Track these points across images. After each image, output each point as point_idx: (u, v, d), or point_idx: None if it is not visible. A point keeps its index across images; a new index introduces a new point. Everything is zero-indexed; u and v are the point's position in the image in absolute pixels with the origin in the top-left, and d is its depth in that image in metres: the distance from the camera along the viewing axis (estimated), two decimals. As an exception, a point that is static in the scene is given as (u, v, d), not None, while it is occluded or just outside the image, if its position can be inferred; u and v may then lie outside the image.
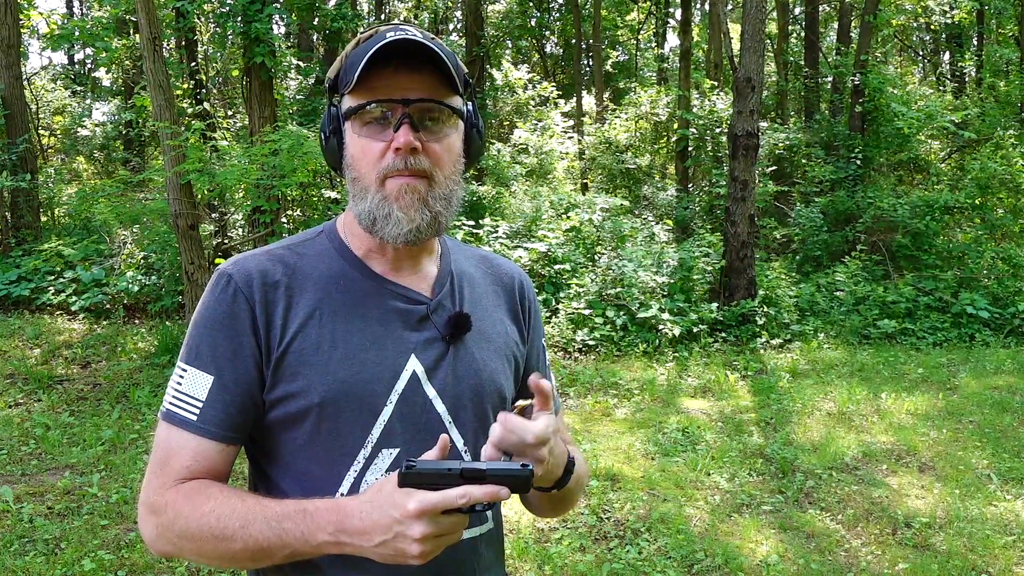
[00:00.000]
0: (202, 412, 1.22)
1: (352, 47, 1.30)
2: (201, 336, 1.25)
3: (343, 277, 1.30)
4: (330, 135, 1.31)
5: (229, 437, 1.24)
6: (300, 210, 9.56)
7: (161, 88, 7.26)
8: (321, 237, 1.36)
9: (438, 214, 1.26)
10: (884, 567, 4.04)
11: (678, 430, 5.97)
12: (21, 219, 9.80)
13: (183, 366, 1.25)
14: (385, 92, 1.22)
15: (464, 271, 1.42)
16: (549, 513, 1.52)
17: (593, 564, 4.01)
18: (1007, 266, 10.20)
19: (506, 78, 16.88)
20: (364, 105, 1.23)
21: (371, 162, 1.24)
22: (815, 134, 13.76)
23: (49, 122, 16.93)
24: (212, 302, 1.26)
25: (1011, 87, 14.31)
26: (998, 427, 6.10)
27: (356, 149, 1.26)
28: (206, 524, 1.16)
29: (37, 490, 4.80)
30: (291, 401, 1.24)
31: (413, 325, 1.30)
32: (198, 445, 1.22)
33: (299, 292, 1.27)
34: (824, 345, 8.58)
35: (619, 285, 8.70)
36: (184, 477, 1.22)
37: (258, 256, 1.30)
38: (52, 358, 7.42)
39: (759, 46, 8.99)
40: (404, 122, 1.21)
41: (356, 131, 1.26)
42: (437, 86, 1.24)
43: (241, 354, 1.23)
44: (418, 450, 1.22)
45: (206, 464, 1.23)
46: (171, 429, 1.24)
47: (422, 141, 1.23)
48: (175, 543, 1.19)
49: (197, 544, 1.17)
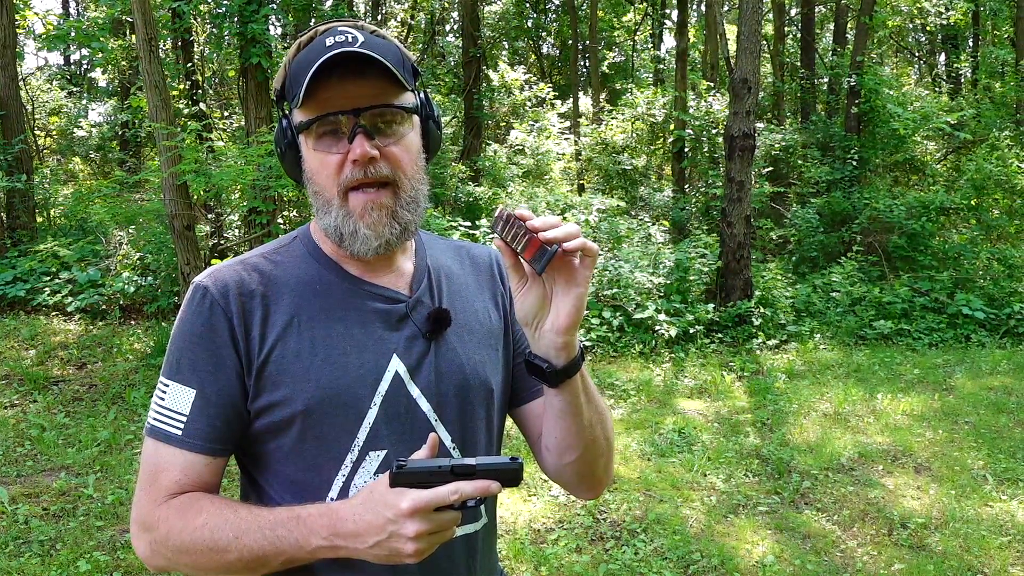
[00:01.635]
0: (187, 426, 1.22)
1: (293, 54, 1.26)
2: (181, 350, 1.24)
3: (319, 282, 1.29)
4: (285, 150, 1.28)
5: (215, 449, 1.23)
6: (296, 211, 9.55)
7: (157, 89, 7.25)
8: (296, 242, 1.35)
9: (407, 223, 1.25)
10: (880, 568, 4.05)
11: (674, 431, 5.97)
12: (17, 220, 9.79)
13: (165, 381, 1.25)
14: (334, 104, 1.19)
15: (441, 264, 1.41)
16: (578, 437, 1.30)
17: (589, 565, 4.01)
18: (1003, 267, 10.22)
19: (502, 79, 16.86)
20: (314, 120, 1.21)
21: (330, 175, 1.22)
22: (811, 135, 13.77)
23: (45, 123, 16.89)
24: (190, 316, 1.25)
25: (1007, 88, 14.32)
26: (994, 428, 6.11)
27: (314, 163, 1.24)
28: (199, 538, 1.16)
29: (33, 491, 4.79)
30: (275, 410, 1.23)
31: (393, 324, 1.30)
32: (185, 460, 1.22)
33: (276, 300, 1.26)
34: (820, 346, 8.59)
35: (615, 286, 8.70)
36: (174, 492, 1.22)
37: (233, 267, 1.29)
38: (48, 359, 7.40)
39: (755, 47, 8.99)
40: (358, 132, 1.19)
41: (311, 145, 1.23)
42: (386, 88, 1.21)
43: (222, 366, 1.23)
44: (406, 450, 1.23)
45: (195, 478, 1.22)
46: (157, 445, 1.23)
47: (379, 148, 1.21)
48: (170, 558, 1.19)
49: (192, 558, 1.17)
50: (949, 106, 13.68)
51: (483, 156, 14.54)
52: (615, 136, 15.04)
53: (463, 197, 12.51)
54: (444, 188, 12.55)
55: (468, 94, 15.21)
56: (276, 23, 12.80)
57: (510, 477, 1.10)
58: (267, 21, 9.13)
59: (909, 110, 12.52)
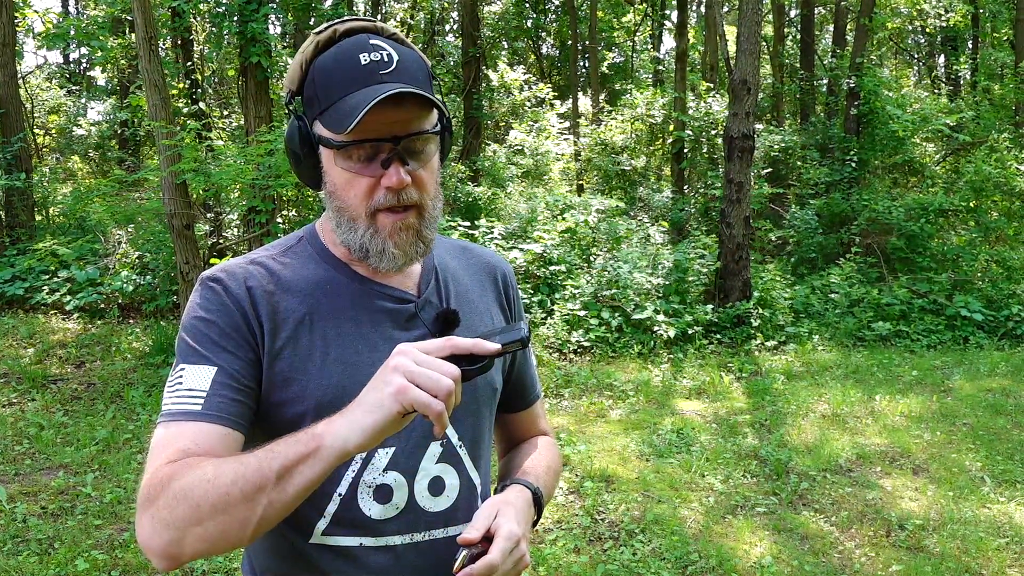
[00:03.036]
0: (207, 400, 1.17)
1: (312, 54, 1.24)
2: (195, 336, 1.22)
3: (329, 282, 1.30)
4: (302, 155, 1.26)
5: (233, 422, 1.18)
6: (295, 210, 9.56)
7: (157, 87, 7.24)
8: (302, 243, 1.35)
9: (429, 241, 1.28)
10: (878, 569, 4.05)
11: (673, 431, 5.97)
12: (16, 218, 9.78)
13: (181, 366, 1.20)
14: (372, 129, 1.17)
15: (447, 265, 1.43)
16: None
17: (587, 565, 4.01)
18: (1001, 269, 10.23)
19: (502, 79, 16.87)
20: (351, 144, 1.20)
21: (359, 196, 1.22)
22: (810, 136, 13.79)
23: (44, 121, 16.89)
24: (203, 302, 1.24)
25: (1006, 90, 14.34)
26: (992, 429, 6.11)
27: (340, 180, 1.23)
28: (200, 480, 1.05)
29: (31, 490, 4.78)
30: (285, 407, 1.23)
31: (402, 324, 1.31)
32: (199, 429, 1.15)
33: (286, 299, 1.26)
34: (819, 347, 8.59)
35: (614, 287, 8.71)
36: (178, 458, 1.12)
37: (242, 263, 1.29)
38: (46, 357, 7.40)
39: (755, 48, 9.00)
40: (394, 160, 1.19)
41: (340, 164, 1.22)
42: (420, 112, 1.21)
43: (241, 347, 1.22)
44: (414, 448, 1.26)
45: (206, 447, 1.14)
46: (170, 425, 1.16)
47: (412, 173, 1.22)
48: (169, 524, 1.05)
49: (193, 511, 1.04)
50: (948, 108, 13.69)
51: (482, 156, 14.55)
52: (614, 137, 15.05)
53: (462, 197, 12.52)
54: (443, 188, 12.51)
55: (467, 94, 15.21)
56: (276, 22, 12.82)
57: (519, 343, 1.13)
58: (267, 20, 9.13)
59: (908, 112, 12.53)
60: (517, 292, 1.53)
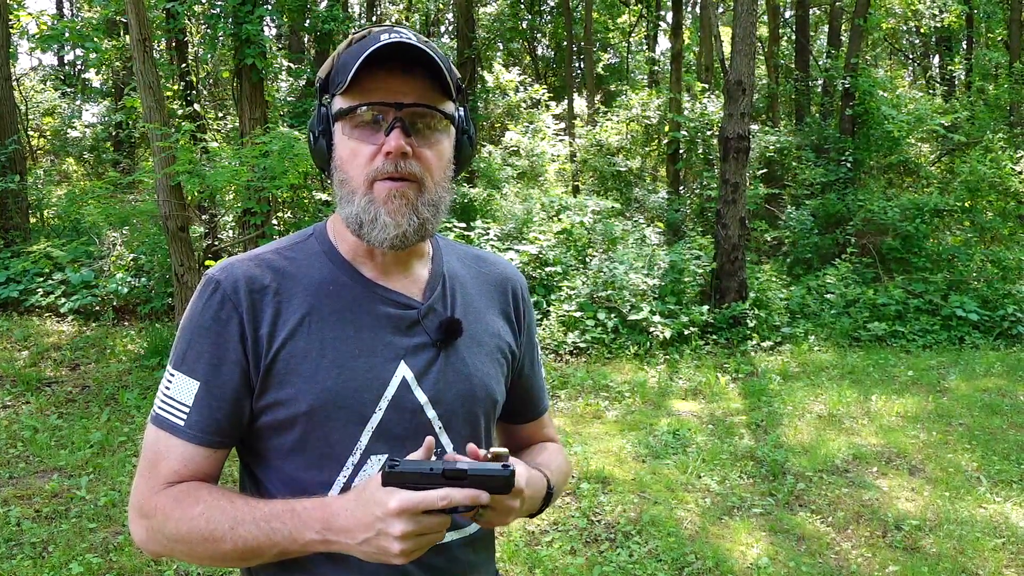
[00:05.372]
0: (188, 417, 1.23)
1: (344, 47, 1.28)
2: (188, 342, 1.25)
3: (333, 283, 1.29)
4: (319, 136, 1.29)
5: (216, 442, 1.24)
6: (291, 212, 9.55)
7: (151, 89, 7.23)
8: (311, 240, 1.35)
9: (425, 220, 1.25)
10: (874, 569, 4.05)
11: (669, 432, 5.97)
12: (10, 220, 9.74)
13: (171, 371, 1.26)
14: (378, 95, 1.21)
15: (456, 273, 1.41)
16: None
17: (584, 567, 4.00)
18: (996, 269, 10.25)
19: (497, 80, 16.87)
20: (356, 107, 1.22)
21: (360, 165, 1.23)
22: (805, 137, 13.80)
23: (38, 123, 16.86)
24: (200, 308, 1.25)
25: (1000, 90, 14.38)
26: (987, 429, 6.12)
27: (345, 151, 1.25)
28: (196, 527, 1.17)
29: (25, 493, 4.76)
30: (279, 408, 1.23)
31: (403, 330, 1.30)
32: (185, 450, 1.23)
33: (288, 298, 1.26)
34: (814, 347, 8.60)
35: (610, 287, 8.71)
36: (172, 481, 1.23)
37: (246, 261, 1.29)
38: (41, 360, 7.38)
39: (750, 49, 9.00)
40: (396, 126, 1.20)
41: (346, 133, 1.24)
42: (430, 91, 1.23)
43: (227, 360, 1.23)
44: (406, 454, 1.22)
45: (194, 468, 1.23)
46: (159, 433, 1.24)
47: (413, 146, 1.22)
48: (165, 545, 1.21)
49: (188, 546, 1.19)
50: (943, 108, 13.73)
51: (478, 157, 14.54)
52: (610, 138, 15.06)
53: (458, 198, 12.50)
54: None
55: (464, 98, 15.18)
56: (271, 24, 12.81)
57: (500, 485, 1.08)
58: (261, 22, 9.11)
59: (903, 112, 12.55)
60: (529, 308, 1.51)
